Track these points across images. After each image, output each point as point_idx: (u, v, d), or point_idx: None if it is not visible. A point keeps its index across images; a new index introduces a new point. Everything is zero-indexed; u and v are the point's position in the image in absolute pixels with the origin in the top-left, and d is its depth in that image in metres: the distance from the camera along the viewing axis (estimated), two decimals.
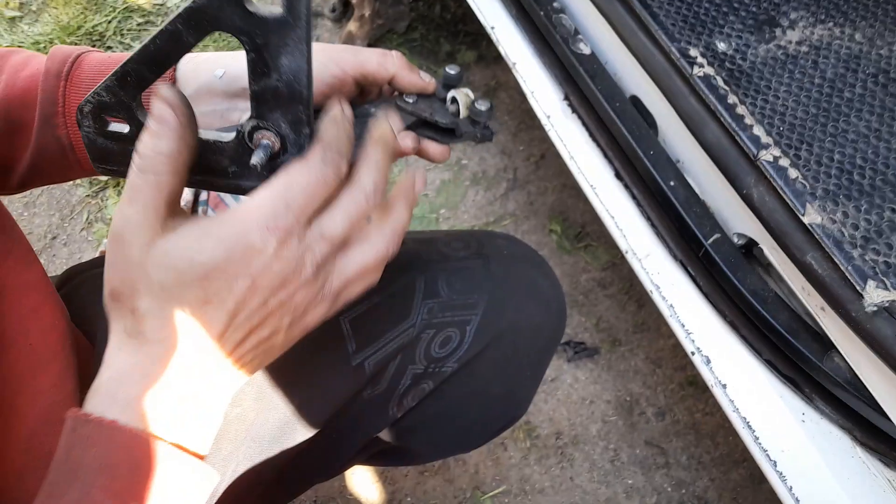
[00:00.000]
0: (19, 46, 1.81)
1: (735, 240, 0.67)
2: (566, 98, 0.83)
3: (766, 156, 0.57)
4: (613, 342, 1.28)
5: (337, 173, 0.38)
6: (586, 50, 0.79)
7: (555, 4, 0.82)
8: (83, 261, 1.49)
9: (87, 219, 1.54)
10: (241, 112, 0.49)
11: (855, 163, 0.56)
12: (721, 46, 0.63)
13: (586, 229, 1.43)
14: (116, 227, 0.37)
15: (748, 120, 0.59)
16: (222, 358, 0.39)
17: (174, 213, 0.38)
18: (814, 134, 0.58)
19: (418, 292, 0.63)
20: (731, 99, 0.60)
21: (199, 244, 0.36)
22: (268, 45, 0.37)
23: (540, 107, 0.84)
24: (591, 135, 0.80)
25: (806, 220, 0.54)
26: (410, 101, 0.54)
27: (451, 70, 0.55)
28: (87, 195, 1.57)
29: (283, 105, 0.39)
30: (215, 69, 0.50)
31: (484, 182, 1.52)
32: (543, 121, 0.84)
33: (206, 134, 0.41)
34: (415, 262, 0.65)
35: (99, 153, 0.43)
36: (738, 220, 0.66)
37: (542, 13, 0.82)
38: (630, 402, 1.23)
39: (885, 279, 0.51)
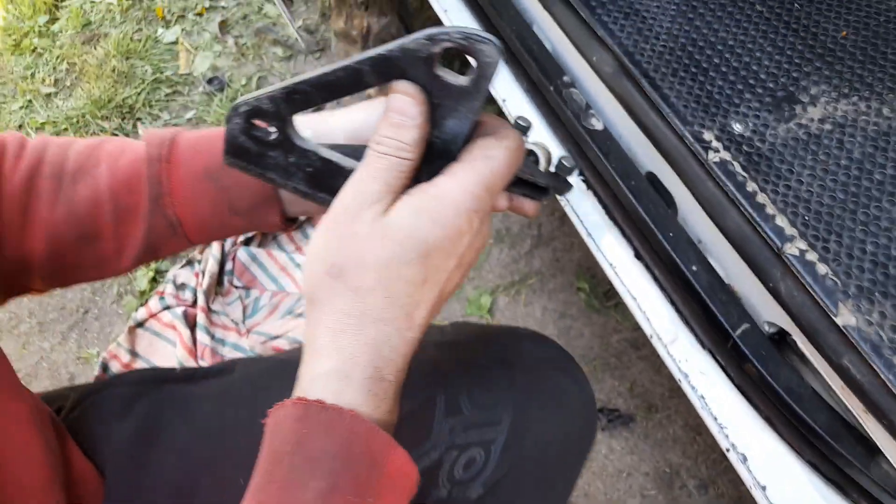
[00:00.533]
0: (54, 123, 1.87)
1: (766, 328, 0.63)
2: (581, 174, 0.80)
3: (791, 249, 0.53)
4: (649, 408, 1.23)
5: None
6: (598, 126, 0.76)
7: (564, 79, 0.79)
8: (113, 339, 1.50)
9: (117, 292, 1.56)
10: None
11: (890, 255, 0.52)
12: (737, 128, 0.60)
13: (616, 286, 1.39)
14: (349, 201, 0.39)
15: (770, 209, 0.55)
16: (420, 335, 0.41)
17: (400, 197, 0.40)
18: (843, 223, 0.54)
19: (439, 410, 0.60)
20: (751, 186, 0.56)
21: (420, 222, 0.38)
22: (440, 106, 0.40)
23: None
24: (608, 212, 0.77)
25: (839, 321, 0.50)
26: None
27: (523, 122, 0.57)
28: None
29: (432, 158, 0.41)
30: (302, 131, 0.55)
31: (508, 240, 1.49)
32: (558, 196, 0.81)
33: (335, 157, 0.43)
34: (434, 374, 0.62)
35: (236, 149, 0.45)
36: (768, 308, 0.61)
37: (551, 88, 0.80)
38: (670, 473, 1.16)
39: None
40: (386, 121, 0.39)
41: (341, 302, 0.38)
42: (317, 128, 0.54)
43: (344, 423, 0.35)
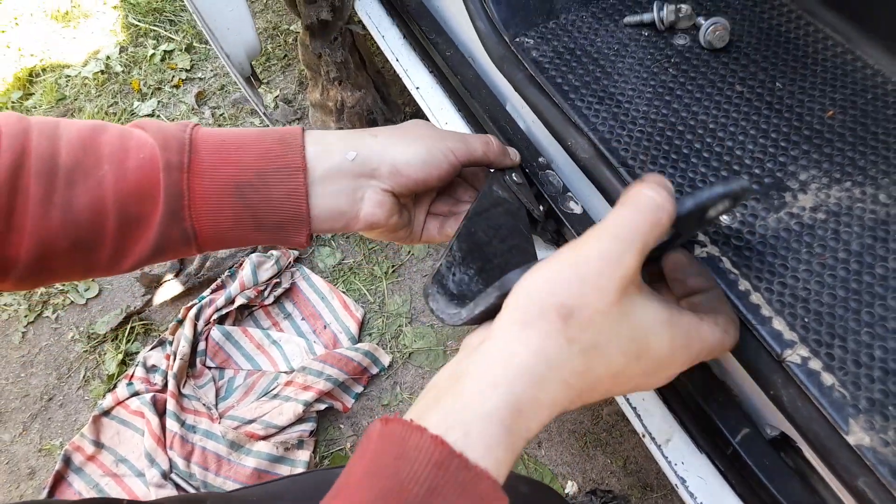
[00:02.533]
0: None
1: (767, 431, 0.57)
2: None
3: (792, 357, 0.48)
4: (644, 487, 1.16)
5: None
6: (577, 209, 0.72)
7: (540, 160, 0.76)
8: (78, 428, 1.41)
9: (83, 377, 1.49)
10: (366, 190, 0.55)
11: None
12: (725, 219, 0.56)
13: None
14: (604, 252, 0.37)
15: (765, 311, 0.50)
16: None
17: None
18: (846, 325, 0.49)
19: None
20: (743, 285, 0.52)
21: (666, 332, 0.40)
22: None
23: None
24: None
25: (851, 440, 0.45)
26: (517, 180, 0.65)
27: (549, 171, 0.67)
28: (85, 350, 1.52)
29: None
30: (347, 151, 0.54)
31: None
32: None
33: None
34: None
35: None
36: (769, 411, 0.56)
37: (526, 169, 0.76)
38: None
39: None
40: (649, 194, 0.40)
41: (549, 345, 0.36)
42: (361, 152, 0.54)
43: (479, 488, 0.33)
